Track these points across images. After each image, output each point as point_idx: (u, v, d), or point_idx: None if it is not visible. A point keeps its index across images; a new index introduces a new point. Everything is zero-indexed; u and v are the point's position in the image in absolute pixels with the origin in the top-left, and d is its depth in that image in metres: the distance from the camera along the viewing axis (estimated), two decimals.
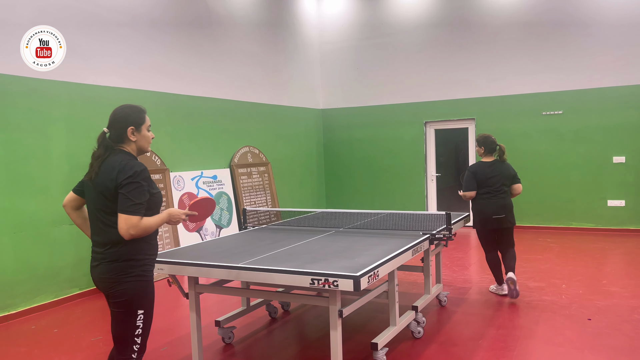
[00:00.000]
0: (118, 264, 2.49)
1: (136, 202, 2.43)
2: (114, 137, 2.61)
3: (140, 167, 2.51)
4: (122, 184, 2.44)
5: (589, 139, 8.60)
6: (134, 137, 2.62)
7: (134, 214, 2.42)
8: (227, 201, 7.94)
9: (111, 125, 2.62)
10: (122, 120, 2.61)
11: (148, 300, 2.58)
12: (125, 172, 2.46)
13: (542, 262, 6.60)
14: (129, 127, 2.60)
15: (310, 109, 10.39)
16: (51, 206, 5.50)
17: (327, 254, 3.60)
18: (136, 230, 2.43)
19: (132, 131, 2.61)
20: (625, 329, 4.19)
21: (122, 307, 2.53)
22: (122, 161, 2.51)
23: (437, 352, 3.88)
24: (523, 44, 8.93)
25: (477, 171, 5.25)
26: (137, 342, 2.58)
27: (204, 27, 7.73)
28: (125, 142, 2.62)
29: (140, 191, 2.46)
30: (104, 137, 2.61)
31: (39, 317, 5.18)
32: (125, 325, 2.55)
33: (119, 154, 2.57)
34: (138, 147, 2.66)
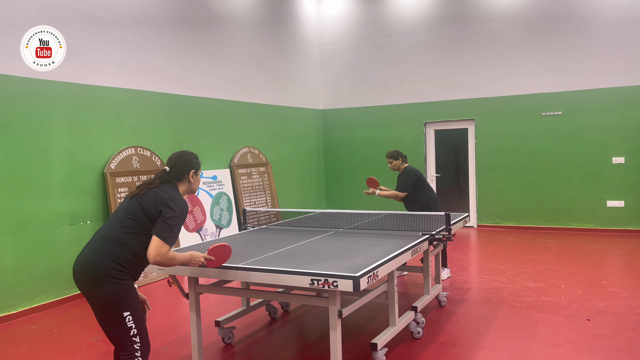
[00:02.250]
0: (103, 259, 2.60)
1: (173, 234, 2.68)
2: (173, 176, 2.91)
3: (185, 206, 2.80)
4: (169, 212, 2.68)
5: (588, 139, 8.61)
6: (192, 180, 2.97)
7: (168, 243, 2.66)
8: (227, 201, 7.95)
9: (174, 166, 2.93)
10: (186, 163, 2.95)
11: (131, 302, 2.64)
12: (176, 203, 2.73)
13: (542, 263, 6.61)
14: (191, 170, 2.95)
15: (310, 110, 10.40)
16: (51, 206, 5.51)
17: (327, 254, 3.61)
18: (162, 259, 2.65)
19: (193, 174, 2.96)
20: (624, 329, 4.20)
21: (106, 311, 2.61)
22: (176, 194, 2.81)
23: (436, 353, 3.88)
24: (523, 44, 8.94)
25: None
26: (136, 342, 2.63)
27: (204, 28, 7.73)
28: (182, 181, 2.94)
29: (179, 227, 2.73)
30: (165, 174, 2.90)
31: (39, 317, 5.19)
32: (117, 329, 2.62)
33: (169, 186, 2.85)
34: (191, 189, 2.99)
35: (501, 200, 9.28)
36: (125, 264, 2.65)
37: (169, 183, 2.87)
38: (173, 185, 2.88)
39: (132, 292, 2.67)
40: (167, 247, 2.65)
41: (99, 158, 6.04)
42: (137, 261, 2.70)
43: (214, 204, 7.69)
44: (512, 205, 9.23)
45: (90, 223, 5.89)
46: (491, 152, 9.35)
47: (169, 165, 2.93)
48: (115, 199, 6.05)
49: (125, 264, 2.65)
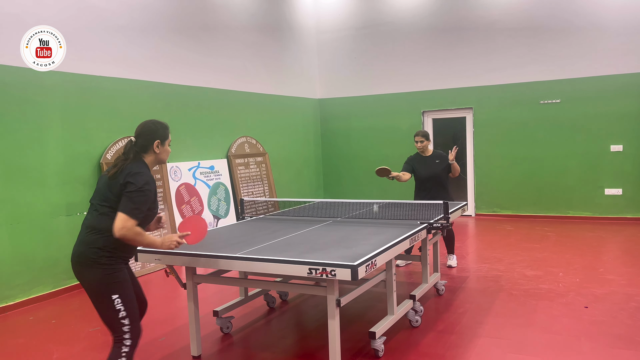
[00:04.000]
0: (90, 249, 2.70)
1: (137, 207, 2.66)
2: (139, 145, 2.87)
3: (151, 181, 2.77)
4: (130, 188, 2.67)
5: (586, 127, 8.60)
6: (158, 150, 2.90)
7: (132, 217, 2.64)
8: (224, 192, 7.93)
9: (139, 136, 2.89)
10: (150, 133, 2.89)
11: (120, 285, 2.71)
12: (136, 179, 2.70)
13: (540, 251, 6.62)
14: (155, 140, 2.89)
15: (308, 99, 10.35)
16: (47, 197, 5.48)
17: (325, 243, 3.60)
18: (127, 232, 2.62)
19: (158, 144, 2.90)
20: (622, 316, 4.21)
21: (95, 295, 2.70)
22: (139, 169, 2.77)
23: (434, 341, 3.89)
24: (521, 33, 8.89)
25: None
26: (125, 324, 2.70)
27: (201, 17, 7.66)
28: (148, 152, 2.89)
29: (143, 199, 2.69)
30: (132, 144, 2.87)
31: (36, 308, 5.18)
32: (107, 312, 2.70)
33: (138, 162, 2.83)
34: (158, 159, 2.94)
35: (499, 188, 9.28)
36: (112, 249, 2.70)
37: (137, 159, 2.84)
38: (139, 161, 2.84)
39: (121, 276, 2.73)
40: (133, 221, 2.63)
41: (94, 148, 6.00)
42: (123, 242, 2.70)
43: (211, 194, 7.67)
44: (510, 194, 9.22)
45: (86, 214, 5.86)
46: (489, 140, 9.33)
47: (135, 135, 2.92)
48: None
49: (112, 249, 2.70)
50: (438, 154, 5.88)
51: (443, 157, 5.80)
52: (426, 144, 5.85)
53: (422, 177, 5.82)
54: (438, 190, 5.74)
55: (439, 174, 5.76)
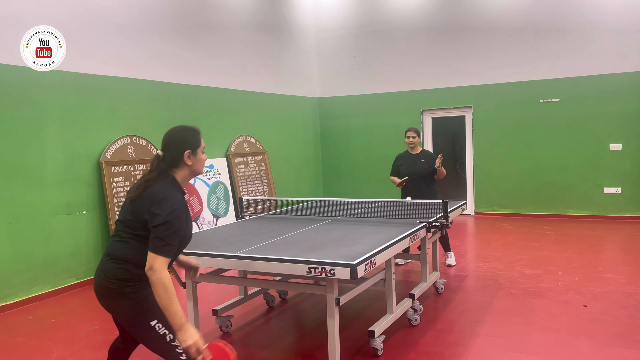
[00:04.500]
0: (109, 280, 2.37)
1: (167, 243, 2.30)
2: (167, 160, 2.48)
3: (178, 206, 2.37)
4: (155, 222, 2.31)
5: (585, 126, 8.60)
6: (190, 162, 2.50)
7: (163, 254, 2.29)
8: (223, 191, 7.93)
9: (166, 148, 2.49)
10: (178, 143, 2.49)
11: (153, 310, 2.36)
12: (161, 208, 2.32)
13: (539, 250, 6.62)
14: (185, 151, 2.48)
15: (307, 98, 10.35)
16: (47, 196, 5.48)
17: (324, 242, 3.60)
18: (153, 274, 2.26)
19: (189, 155, 2.49)
20: (621, 315, 4.22)
21: (131, 326, 2.41)
22: (164, 194, 2.37)
23: (434, 339, 3.89)
24: (520, 31, 8.88)
25: None
26: (176, 345, 2.36)
27: (200, 16, 7.65)
28: (179, 166, 2.49)
29: (172, 232, 2.32)
30: (159, 160, 2.48)
31: (36, 307, 5.18)
32: (151, 340, 2.39)
33: (166, 182, 2.45)
34: (193, 171, 2.54)
35: (498, 187, 9.28)
36: (134, 278, 2.38)
37: (165, 176, 2.47)
38: (168, 179, 2.47)
39: (150, 298, 2.36)
40: (162, 259, 2.28)
41: (94, 147, 6.00)
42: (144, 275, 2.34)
43: (210, 193, 7.67)
44: (509, 193, 9.23)
45: (86, 213, 5.87)
46: (488, 139, 9.33)
47: (162, 148, 2.51)
48: (111, 189, 6.02)
49: (134, 278, 2.38)
50: (426, 153, 5.91)
51: (430, 157, 5.82)
52: (417, 140, 5.87)
53: (408, 175, 5.76)
54: (423, 189, 5.73)
55: (423, 174, 5.76)
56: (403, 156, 5.99)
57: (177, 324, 2.27)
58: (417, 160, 5.84)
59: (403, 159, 5.95)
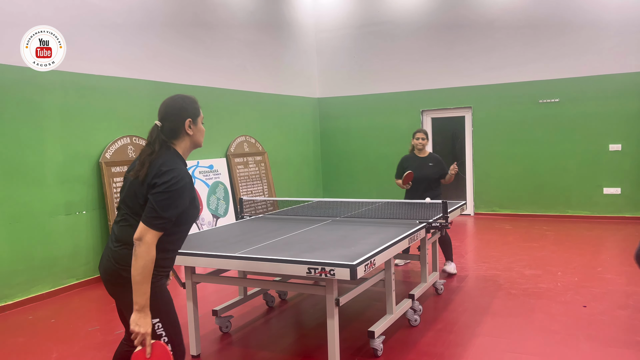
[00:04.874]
0: (121, 267, 2.25)
1: (162, 216, 2.16)
2: (167, 131, 2.34)
3: (181, 175, 2.23)
4: (156, 190, 2.17)
5: (585, 126, 8.60)
6: (191, 131, 2.37)
7: (154, 228, 2.15)
8: (223, 191, 7.93)
9: (164, 119, 2.35)
10: (178, 112, 2.36)
11: (161, 307, 2.27)
12: (164, 178, 2.19)
13: (538, 250, 6.63)
14: (186, 120, 2.36)
15: (307, 98, 10.35)
16: (46, 196, 5.48)
17: (324, 243, 3.61)
18: (139, 246, 2.13)
19: (190, 124, 2.37)
20: (620, 315, 4.22)
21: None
22: (165, 164, 2.24)
23: (433, 340, 3.90)
24: (520, 31, 8.89)
25: None
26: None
27: (199, 16, 7.65)
28: (179, 137, 2.36)
29: (169, 203, 2.17)
30: (158, 131, 2.33)
31: (36, 307, 5.18)
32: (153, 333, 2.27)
33: (166, 154, 2.31)
34: (193, 142, 2.42)
35: (498, 188, 9.29)
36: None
37: (167, 148, 2.33)
38: (170, 151, 2.33)
39: (163, 295, 2.27)
40: (153, 233, 2.14)
41: (93, 147, 6.00)
42: (161, 255, 2.23)
43: (210, 193, 7.67)
44: (509, 193, 9.23)
45: (86, 213, 5.87)
46: (488, 139, 9.33)
47: (159, 118, 2.37)
48: (110, 189, 6.02)
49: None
50: (434, 157, 5.74)
51: (438, 161, 5.68)
52: (426, 142, 5.74)
53: (414, 178, 5.59)
54: (430, 193, 5.56)
55: (430, 177, 5.61)
56: (409, 158, 5.79)
57: (139, 304, 2.13)
58: (425, 163, 5.67)
59: (409, 161, 5.75)
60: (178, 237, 2.35)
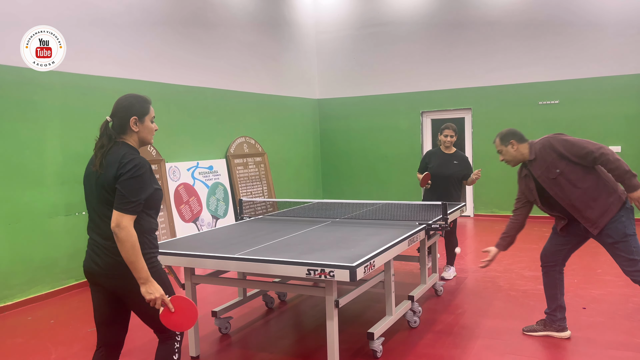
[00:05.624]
0: (113, 258, 2.41)
1: (132, 200, 2.34)
2: (116, 126, 2.52)
3: (141, 162, 2.41)
4: (122, 179, 2.36)
5: (585, 128, 8.60)
6: (136, 128, 2.52)
7: (127, 212, 2.33)
8: (223, 192, 7.93)
9: (114, 114, 2.53)
10: (125, 109, 2.51)
11: (163, 283, 2.49)
12: (124, 167, 2.37)
13: (538, 252, 6.58)
14: (131, 117, 2.51)
15: (307, 99, 10.35)
16: (46, 197, 5.48)
17: (324, 244, 3.60)
18: (120, 231, 2.30)
19: (135, 121, 2.52)
20: (620, 317, 4.22)
21: (135, 301, 2.45)
22: (125, 156, 2.42)
23: (432, 342, 3.89)
24: (520, 33, 8.90)
25: None
26: None
27: (200, 17, 7.66)
28: (127, 132, 2.53)
29: (137, 187, 2.36)
30: (107, 126, 2.52)
31: (35, 308, 5.18)
32: (149, 315, 2.48)
33: (121, 147, 2.48)
34: (140, 138, 2.56)
35: (497, 189, 9.29)
36: (148, 245, 2.48)
37: (116, 143, 2.49)
38: (125, 145, 2.49)
39: (158, 276, 2.48)
40: (128, 217, 2.32)
41: (93, 148, 5.98)
42: (146, 237, 2.47)
43: (210, 194, 7.67)
44: (508, 195, 9.19)
45: (85, 214, 5.86)
46: (488, 141, 9.32)
47: (110, 115, 2.55)
48: None
49: (148, 245, 2.48)
50: (460, 155, 5.45)
51: (463, 160, 5.43)
52: (454, 139, 5.38)
53: (436, 174, 5.35)
54: (447, 193, 5.34)
55: (453, 176, 5.36)
56: (434, 153, 5.51)
57: (143, 278, 2.35)
58: (450, 160, 5.37)
59: (433, 157, 5.47)
60: (150, 220, 2.53)
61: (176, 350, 2.60)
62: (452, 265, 5.65)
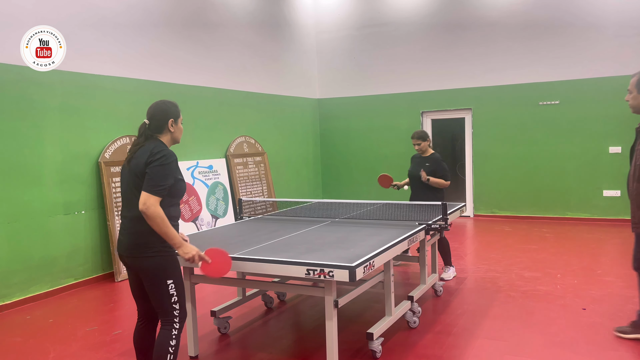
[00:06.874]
0: (141, 240, 2.77)
1: (159, 184, 2.70)
2: (153, 127, 2.91)
3: (169, 153, 2.80)
4: (152, 165, 2.73)
5: (585, 129, 8.60)
6: (172, 129, 2.94)
7: (154, 194, 2.68)
8: (222, 191, 7.92)
9: (152, 117, 2.91)
10: (163, 112, 2.91)
11: (174, 271, 2.85)
12: (157, 155, 2.75)
13: (538, 252, 6.62)
14: (169, 119, 2.92)
15: (307, 99, 10.34)
16: (45, 196, 5.47)
17: (323, 244, 3.60)
18: (148, 209, 2.65)
19: (172, 123, 2.93)
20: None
21: (151, 280, 2.81)
22: (156, 147, 2.81)
23: (432, 342, 3.89)
24: (520, 33, 8.89)
25: None
26: (175, 308, 2.86)
27: (200, 16, 7.65)
28: (163, 132, 2.92)
29: (164, 174, 2.73)
30: (145, 127, 2.91)
31: (34, 307, 5.17)
32: (161, 296, 2.83)
33: (155, 141, 2.87)
34: (173, 138, 2.98)
35: (498, 189, 9.28)
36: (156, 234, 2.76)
37: (152, 139, 2.89)
38: (154, 140, 2.89)
39: (175, 262, 2.87)
40: (154, 197, 2.68)
41: (93, 147, 5.99)
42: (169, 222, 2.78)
43: (209, 193, 7.66)
44: (508, 195, 9.23)
45: (85, 213, 5.86)
46: (488, 141, 9.33)
47: (147, 117, 2.93)
48: (110, 189, 6.01)
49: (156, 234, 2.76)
50: (434, 158, 5.63)
51: (435, 162, 5.59)
52: (424, 145, 5.62)
53: (410, 176, 5.70)
54: (422, 193, 5.56)
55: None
56: (414, 157, 5.87)
57: (177, 243, 2.76)
58: (423, 163, 5.62)
59: (413, 160, 5.84)
60: (175, 207, 2.90)
61: (174, 336, 2.86)
62: (450, 264, 5.64)
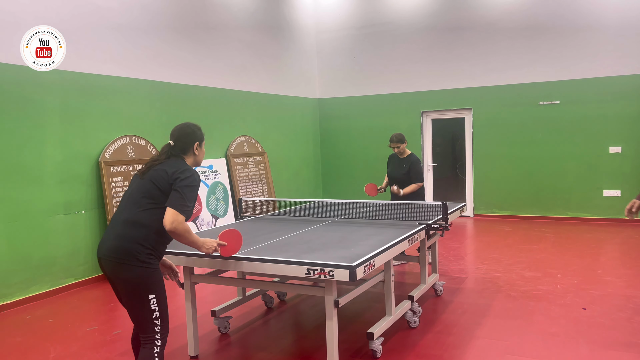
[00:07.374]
0: (130, 244, 2.63)
1: (187, 204, 2.67)
2: (178, 149, 2.90)
3: (196, 175, 2.79)
4: (181, 183, 2.68)
5: (585, 128, 8.60)
6: (197, 152, 2.95)
7: (182, 213, 2.64)
8: (223, 191, 7.92)
9: (178, 139, 2.90)
10: (189, 136, 2.92)
11: (157, 285, 2.70)
12: (186, 174, 2.73)
13: (538, 252, 6.62)
14: (195, 142, 2.93)
15: (307, 99, 10.34)
16: (45, 196, 5.47)
17: (323, 244, 3.60)
18: (178, 227, 2.61)
19: (197, 146, 2.94)
20: (620, 318, 4.21)
21: (132, 293, 2.66)
22: (184, 165, 2.81)
23: (432, 342, 3.88)
24: (520, 33, 8.89)
25: None
26: (157, 324, 2.70)
27: (200, 16, 7.65)
28: (187, 154, 2.92)
29: (193, 196, 2.71)
30: (170, 148, 2.89)
31: (34, 307, 5.17)
32: (141, 311, 2.67)
33: (181, 160, 2.87)
34: (196, 161, 2.98)
35: (498, 189, 9.28)
36: (152, 246, 2.69)
37: (176, 157, 2.87)
38: (180, 159, 2.88)
39: (158, 276, 2.72)
40: (182, 216, 2.64)
41: (93, 147, 5.99)
42: (162, 240, 2.73)
43: (210, 193, 7.66)
44: (508, 195, 9.22)
45: (85, 212, 5.86)
46: (488, 141, 9.33)
47: (173, 139, 2.91)
48: (110, 188, 6.01)
49: (152, 246, 2.69)
50: (410, 159, 5.86)
51: (411, 163, 5.82)
52: (402, 147, 5.85)
53: (390, 177, 5.98)
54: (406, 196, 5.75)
55: (401, 179, 5.83)
56: (393, 157, 6.08)
57: (199, 245, 2.81)
58: (400, 165, 5.89)
59: (390, 161, 6.06)
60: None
61: (156, 355, 2.69)
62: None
